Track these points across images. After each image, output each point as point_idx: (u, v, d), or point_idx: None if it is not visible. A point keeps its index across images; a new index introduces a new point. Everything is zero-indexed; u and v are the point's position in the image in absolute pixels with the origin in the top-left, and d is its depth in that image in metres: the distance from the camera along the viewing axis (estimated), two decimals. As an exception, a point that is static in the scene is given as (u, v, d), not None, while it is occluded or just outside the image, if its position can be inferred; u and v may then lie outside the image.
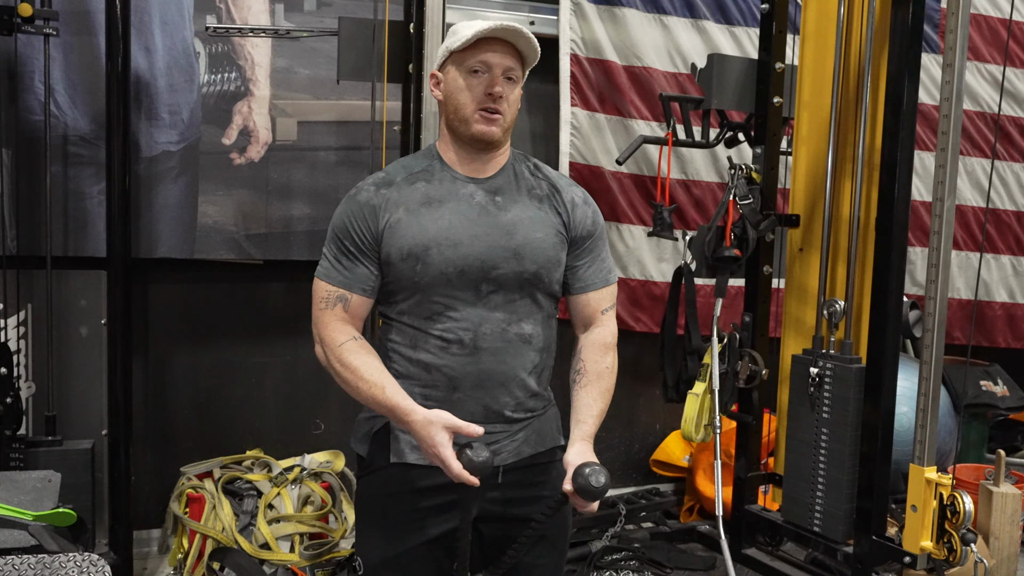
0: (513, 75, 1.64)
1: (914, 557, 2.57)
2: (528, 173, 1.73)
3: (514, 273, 1.64)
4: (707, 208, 3.85)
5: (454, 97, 1.65)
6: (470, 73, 1.62)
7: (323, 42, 3.25)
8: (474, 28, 1.61)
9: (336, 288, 1.65)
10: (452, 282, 1.61)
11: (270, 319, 3.44)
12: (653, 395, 3.63)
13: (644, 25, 3.72)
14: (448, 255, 1.60)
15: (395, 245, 1.62)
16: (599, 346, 1.75)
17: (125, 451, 2.86)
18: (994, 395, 3.86)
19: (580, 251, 1.73)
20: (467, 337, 1.62)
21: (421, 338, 1.64)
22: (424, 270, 1.60)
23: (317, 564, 2.99)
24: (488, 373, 1.64)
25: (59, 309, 3.03)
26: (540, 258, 1.66)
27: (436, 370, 1.64)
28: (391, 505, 1.69)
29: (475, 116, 1.62)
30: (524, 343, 1.67)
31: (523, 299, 1.67)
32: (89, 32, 3.01)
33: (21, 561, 2.17)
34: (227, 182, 3.25)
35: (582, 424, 1.68)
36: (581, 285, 1.75)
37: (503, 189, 1.68)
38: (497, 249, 1.63)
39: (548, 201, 1.70)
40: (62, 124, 3.02)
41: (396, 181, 1.67)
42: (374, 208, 1.63)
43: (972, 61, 4.17)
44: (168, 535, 3.18)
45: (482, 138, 1.64)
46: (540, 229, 1.67)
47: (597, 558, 3.27)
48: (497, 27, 1.60)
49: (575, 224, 1.71)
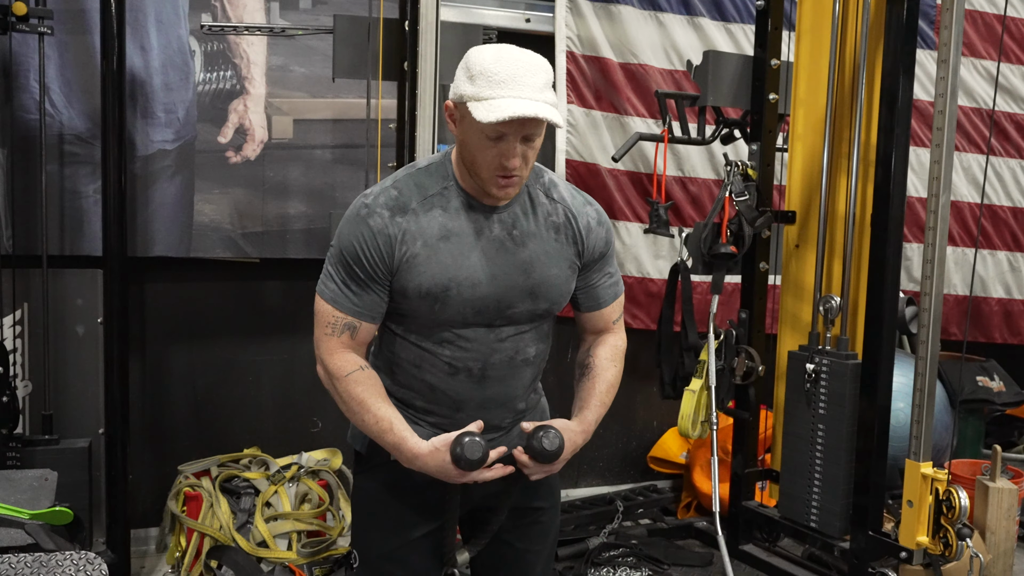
0: (534, 136, 1.53)
1: (910, 552, 2.58)
2: (544, 197, 1.67)
3: (528, 311, 1.65)
4: (704, 205, 3.86)
5: (470, 151, 1.54)
6: (488, 139, 1.51)
7: (319, 40, 3.25)
8: (495, 109, 1.45)
9: (344, 315, 1.60)
10: (468, 319, 1.61)
11: (267, 317, 3.45)
12: (650, 392, 3.64)
13: (640, 22, 3.72)
14: (467, 296, 1.58)
15: (413, 281, 1.57)
16: (611, 347, 1.78)
17: (122, 450, 2.86)
18: (990, 391, 3.86)
19: (592, 271, 1.73)
20: (476, 368, 1.63)
21: (428, 360, 1.64)
22: (443, 309, 1.59)
23: (315, 562, 2.99)
24: (492, 397, 1.67)
25: (55, 308, 3.02)
26: (554, 294, 1.66)
27: (442, 392, 1.65)
28: (389, 500, 1.71)
29: (490, 179, 1.55)
30: (527, 366, 1.69)
31: (532, 329, 1.68)
32: (84, 31, 3.01)
33: (18, 560, 2.17)
34: (223, 180, 3.25)
35: (584, 411, 1.71)
36: (594, 304, 1.76)
37: (519, 220, 1.63)
38: (514, 289, 1.61)
39: (565, 230, 1.66)
40: (57, 123, 3.02)
41: (411, 207, 1.58)
42: (389, 238, 1.56)
43: (968, 57, 4.17)
44: (166, 533, 3.19)
45: (497, 199, 1.59)
46: (555, 265, 1.65)
47: (594, 554, 3.28)
48: (522, 116, 1.45)
49: (589, 249, 1.70)
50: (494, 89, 1.47)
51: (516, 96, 1.46)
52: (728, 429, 3.41)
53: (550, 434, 1.59)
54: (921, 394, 2.58)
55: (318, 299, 1.63)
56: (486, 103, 1.47)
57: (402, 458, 1.60)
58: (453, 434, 1.57)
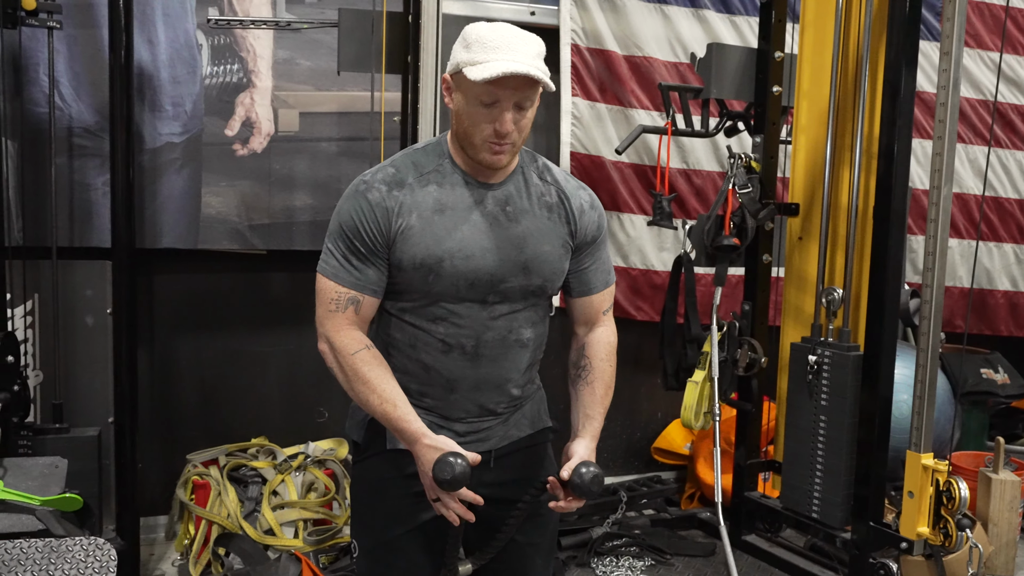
0: (526, 103, 1.57)
1: (911, 543, 2.59)
2: (537, 178, 1.71)
3: (521, 286, 1.66)
4: (708, 197, 3.86)
5: (463, 120, 1.59)
6: (482, 104, 1.55)
7: (324, 33, 3.27)
8: (488, 67, 1.50)
9: (347, 290, 1.62)
10: (461, 293, 1.63)
11: (273, 308, 3.48)
12: (654, 383, 3.65)
13: (645, 15, 3.73)
14: (461, 268, 1.61)
15: (408, 253, 1.60)
16: (605, 345, 1.79)
17: (131, 439, 2.89)
18: (994, 383, 3.86)
19: (584, 255, 1.75)
20: (469, 345, 1.65)
21: (422, 338, 1.65)
22: (436, 281, 1.61)
23: (321, 549, 3.02)
24: (486, 377, 1.67)
25: (65, 299, 3.06)
26: (546, 271, 1.68)
27: (435, 372, 1.66)
28: (386, 490, 1.72)
29: (482, 145, 1.59)
30: (521, 348, 1.70)
31: (526, 308, 1.69)
32: (92, 25, 3.04)
33: (29, 544, 2.21)
34: (230, 173, 3.28)
35: (591, 420, 1.72)
36: (584, 288, 1.77)
37: (513, 197, 1.67)
38: (507, 263, 1.64)
39: (557, 210, 1.70)
40: (67, 116, 3.05)
41: (407, 182, 1.62)
42: (387, 211, 1.59)
43: (975, 49, 4.16)
44: (175, 521, 3.22)
45: (490, 166, 1.62)
46: (548, 242, 1.68)
47: (597, 544, 3.30)
48: (510, 73, 1.50)
49: (582, 231, 1.72)
50: (488, 53, 1.52)
51: (510, 60, 1.51)
52: (732, 420, 3.43)
53: (591, 469, 1.58)
54: (922, 386, 2.58)
55: (319, 277, 1.65)
56: (480, 65, 1.51)
57: (404, 438, 1.61)
58: (453, 445, 1.57)
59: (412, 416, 1.60)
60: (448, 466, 1.51)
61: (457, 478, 1.51)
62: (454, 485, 1.52)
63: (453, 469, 1.51)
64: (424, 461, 1.57)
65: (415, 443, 1.59)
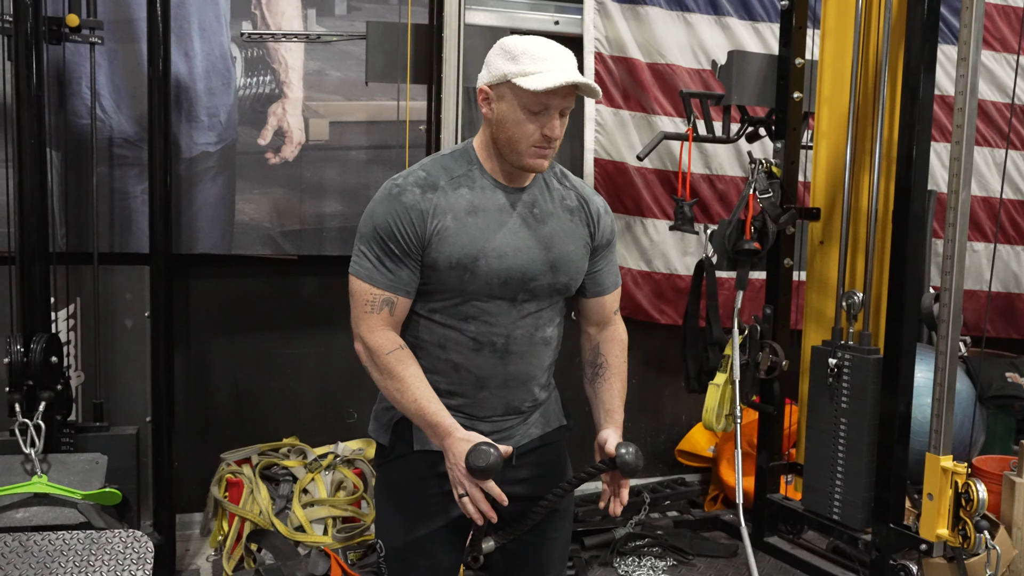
0: (567, 110, 1.66)
1: (930, 544, 2.60)
2: (557, 183, 1.79)
3: (548, 284, 1.73)
4: (731, 202, 3.89)
5: (508, 128, 1.65)
6: (530, 113, 1.62)
7: (353, 45, 3.36)
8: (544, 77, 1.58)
9: (381, 291, 1.66)
10: (494, 291, 1.68)
11: (305, 312, 3.56)
12: (679, 386, 3.68)
13: (667, 23, 3.77)
14: (495, 266, 1.67)
15: (444, 253, 1.65)
16: (618, 342, 1.87)
17: (168, 437, 2.99)
18: (1020, 387, 3.83)
19: (599, 257, 1.83)
20: (500, 342, 1.71)
21: (452, 337, 1.70)
22: (471, 279, 1.66)
23: (349, 546, 3.10)
24: (514, 374, 1.74)
25: (106, 302, 3.17)
26: (572, 270, 1.76)
27: (465, 370, 1.71)
28: (414, 490, 1.76)
29: (529, 151, 1.66)
30: (545, 345, 1.77)
31: (550, 306, 1.77)
32: (132, 40, 3.15)
33: (71, 536, 2.31)
34: (263, 181, 3.38)
35: (614, 414, 1.80)
36: (598, 289, 1.85)
37: (538, 200, 1.75)
38: (537, 262, 1.71)
39: (578, 213, 1.78)
40: (107, 127, 3.17)
41: (440, 185, 1.67)
42: (422, 212, 1.64)
43: (1001, 52, 4.14)
44: (209, 519, 3.32)
45: (533, 170, 1.70)
46: (572, 242, 1.76)
47: (620, 544, 3.34)
48: (568, 83, 1.59)
49: (599, 234, 1.81)
50: (539, 64, 1.60)
51: (561, 70, 1.61)
52: (754, 423, 3.45)
53: (631, 448, 1.68)
54: (941, 388, 2.60)
55: (353, 280, 1.69)
56: (534, 76, 1.59)
57: (436, 433, 1.64)
58: (484, 439, 1.61)
59: (445, 412, 1.65)
60: (483, 454, 1.56)
61: (492, 465, 1.56)
62: (488, 473, 1.56)
63: (488, 457, 1.56)
64: (456, 453, 1.60)
65: (447, 437, 1.62)
